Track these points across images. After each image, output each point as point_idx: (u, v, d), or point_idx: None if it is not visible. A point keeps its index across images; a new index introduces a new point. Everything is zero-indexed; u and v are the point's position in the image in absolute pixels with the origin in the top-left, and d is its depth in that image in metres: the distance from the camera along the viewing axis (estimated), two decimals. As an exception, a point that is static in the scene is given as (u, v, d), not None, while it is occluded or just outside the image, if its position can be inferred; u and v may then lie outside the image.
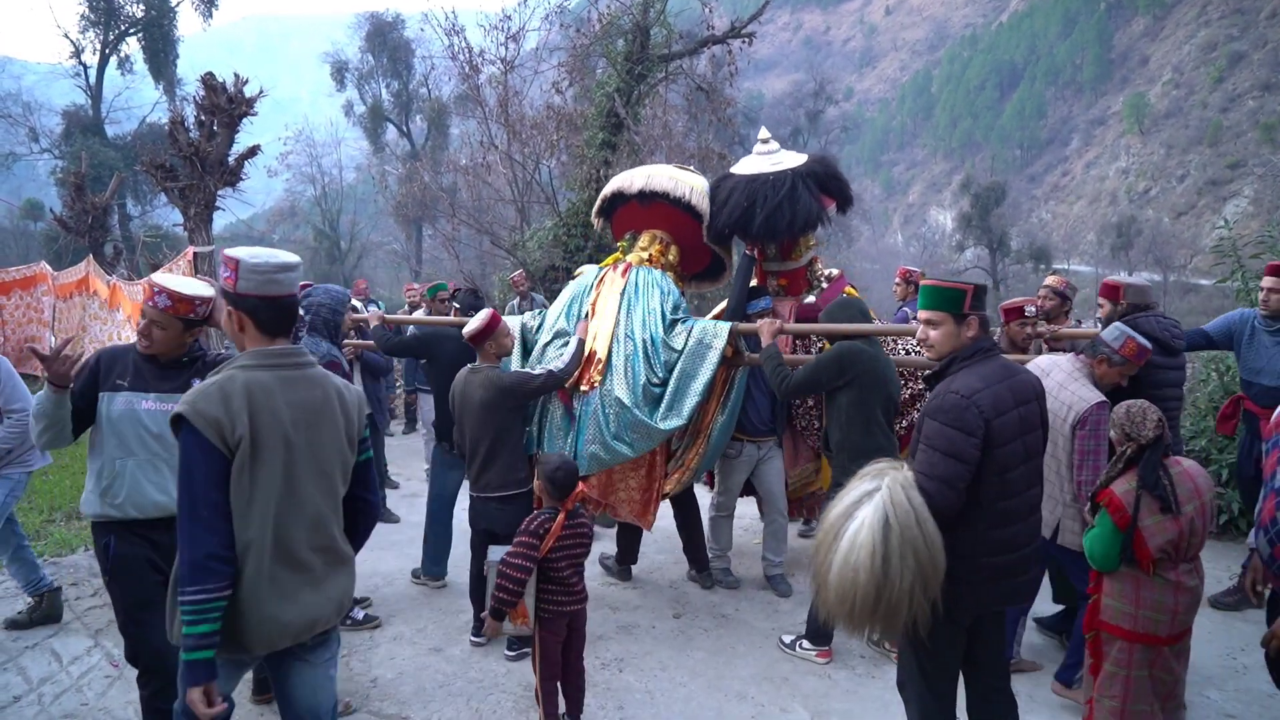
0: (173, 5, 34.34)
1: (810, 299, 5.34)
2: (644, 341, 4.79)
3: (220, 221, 9.30)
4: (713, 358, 4.72)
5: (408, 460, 8.75)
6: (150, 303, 3.17)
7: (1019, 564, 2.93)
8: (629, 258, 5.33)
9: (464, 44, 14.65)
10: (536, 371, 4.52)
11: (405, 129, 41.34)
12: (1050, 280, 5.60)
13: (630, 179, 5.38)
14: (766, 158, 5.21)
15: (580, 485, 3.65)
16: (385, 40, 40.56)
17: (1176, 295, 46.98)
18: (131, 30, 34.00)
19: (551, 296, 12.22)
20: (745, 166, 5.22)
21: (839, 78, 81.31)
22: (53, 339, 12.27)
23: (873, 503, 2.73)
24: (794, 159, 5.14)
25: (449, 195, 17.96)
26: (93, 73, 33.40)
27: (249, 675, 4.03)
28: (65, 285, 11.68)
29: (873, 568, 2.63)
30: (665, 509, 5.80)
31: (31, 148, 33.07)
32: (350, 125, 42.04)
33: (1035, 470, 2.95)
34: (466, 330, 4.44)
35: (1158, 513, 3.00)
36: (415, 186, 20.66)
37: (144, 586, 3.24)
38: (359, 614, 4.88)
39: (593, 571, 5.60)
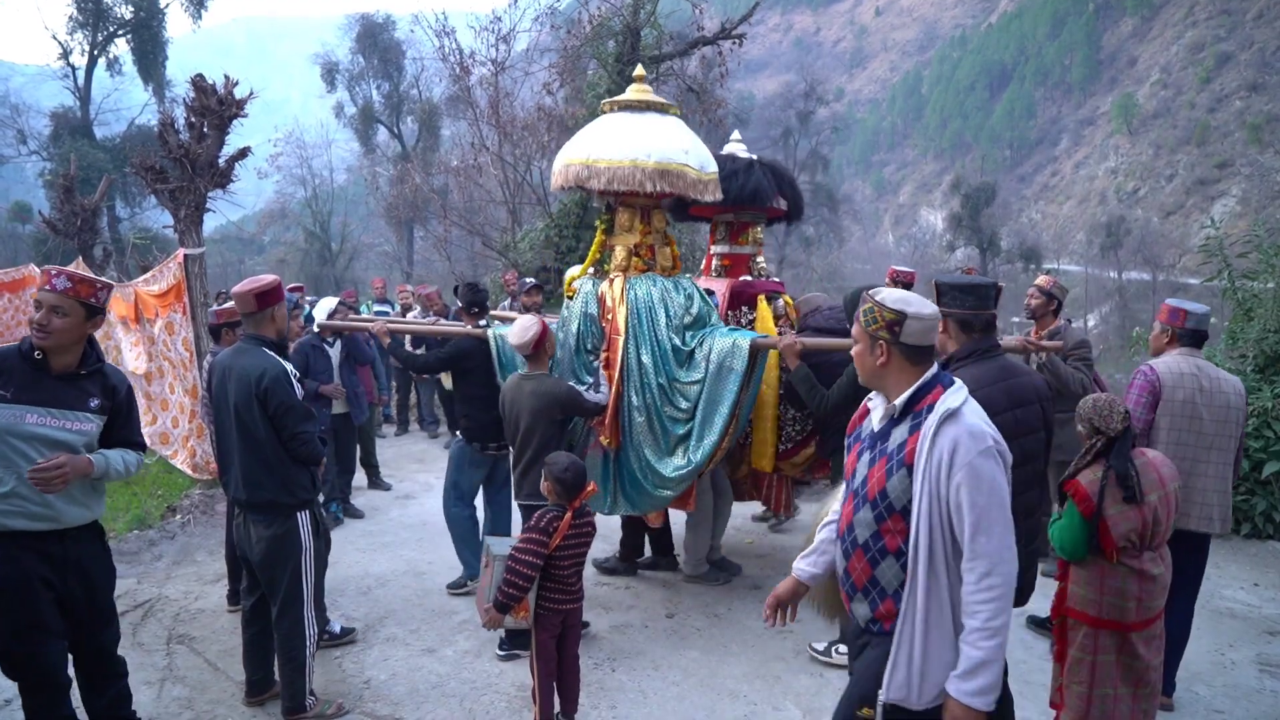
0: (162, 7, 34.18)
1: (746, 278, 5.60)
2: (660, 387, 4.66)
3: (211, 223, 9.27)
4: (734, 381, 4.55)
5: (401, 463, 8.74)
6: (48, 286, 2.98)
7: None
8: (616, 259, 4.99)
9: (455, 45, 14.68)
10: (589, 395, 4.50)
11: (396, 130, 41.23)
12: (1039, 280, 5.64)
13: (641, 178, 4.60)
14: (739, 144, 5.85)
15: (591, 485, 3.66)
16: (376, 42, 40.42)
17: (1165, 294, 47.09)
18: (120, 31, 33.83)
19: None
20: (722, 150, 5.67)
21: (829, 78, 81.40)
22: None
23: None
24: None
25: (440, 197, 17.98)
26: (81, 74, 33.20)
27: (242, 676, 4.04)
28: (54, 288, 11.62)
29: None
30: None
31: (20, 150, 32.90)
32: (341, 127, 41.90)
33: (1033, 474, 2.96)
34: (520, 342, 4.34)
35: (1121, 502, 3.04)
36: (406, 188, 20.69)
37: (35, 607, 3.03)
38: (335, 627, 4.70)
39: (586, 571, 5.61)
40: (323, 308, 6.78)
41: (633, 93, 4.96)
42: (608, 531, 5.78)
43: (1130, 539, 3.05)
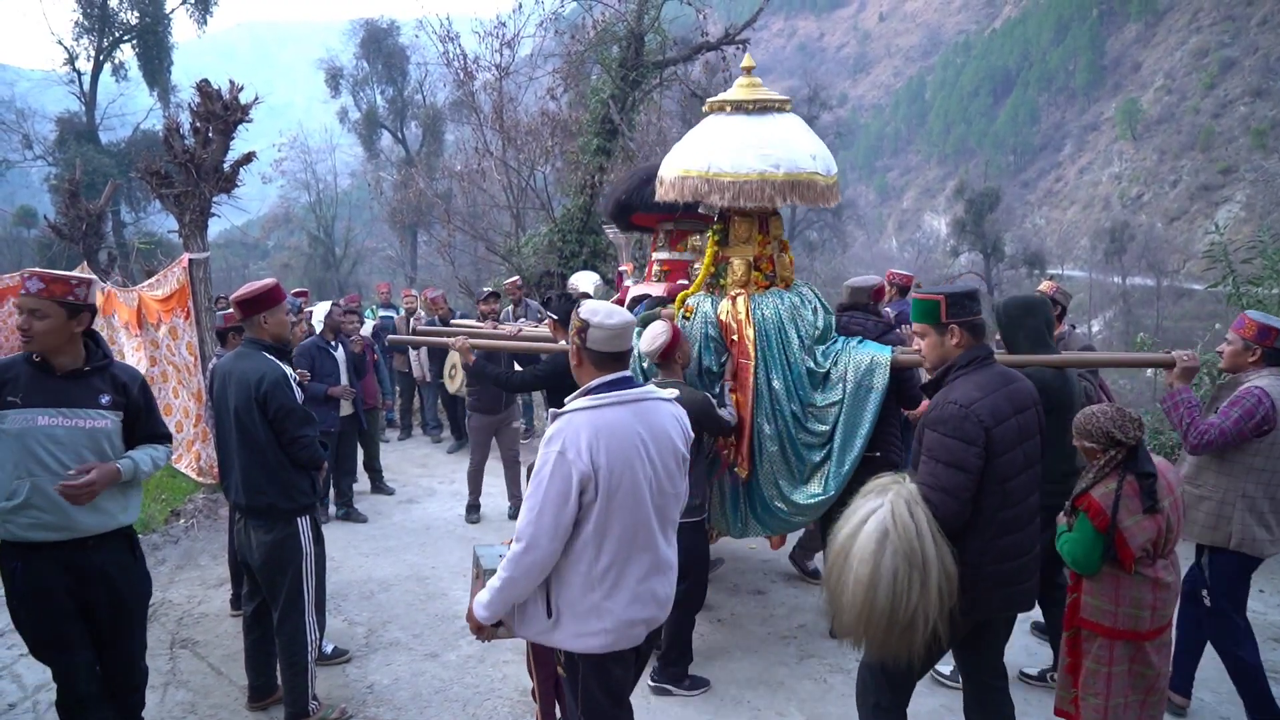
0: (167, 12, 34.34)
1: (684, 283, 5.44)
2: (794, 414, 4.30)
3: (215, 228, 9.29)
4: (874, 401, 4.23)
5: (403, 467, 8.74)
6: (23, 290, 2.96)
7: (1021, 571, 2.97)
8: (735, 274, 4.58)
9: (459, 50, 14.70)
10: (720, 410, 4.20)
11: (400, 135, 41.36)
12: (1043, 286, 5.63)
13: (770, 193, 4.24)
14: None
15: None
16: (380, 47, 40.57)
17: (1170, 300, 47.12)
18: (126, 37, 34.00)
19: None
20: None
21: (833, 84, 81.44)
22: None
23: (875, 519, 2.79)
24: None
25: (444, 201, 17.99)
26: (87, 79, 33.35)
27: (245, 681, 4.03)
28: (59, 292, 11.64)
29: (878, 585, 2.71)
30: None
31: (25, 154, 33.03)
32: (345, 131, 42.08)
33: (1034, 478, 3.00)
34: (650, 349, 4.06)
35: (1137, 513, 2.99)
36: (410, 192, 20.73)
37: (54, 620, 3.03)
38: (328, 648, 4.56)
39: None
40: (320, 312, 6.89)
41: (744, 90, 4.54)
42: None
43: (1146, 549, 3.02)
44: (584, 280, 8.06)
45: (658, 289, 5.60)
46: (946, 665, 4.43)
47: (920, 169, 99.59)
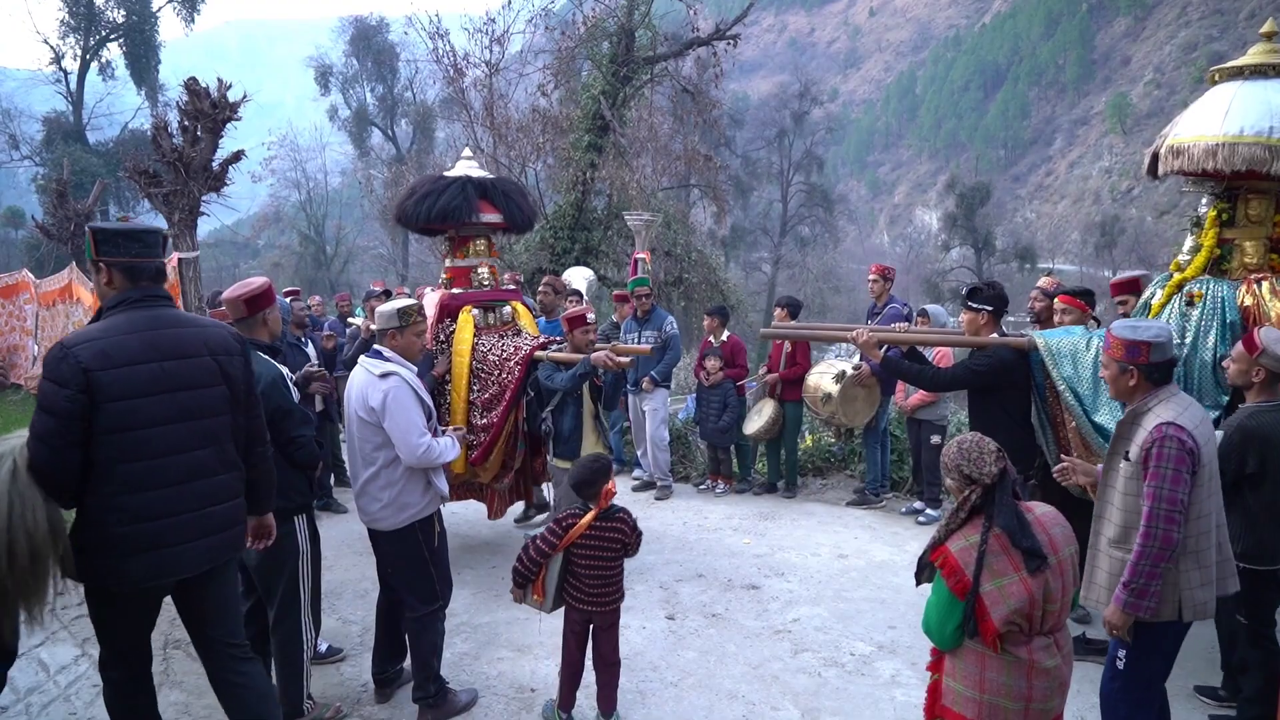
0: (154, 10, 34.16)
1: (456, 291, 5.65)
2: None
3: (205, 227, 9.26)
4: None
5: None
6: None
7: (170, 533, 2.77)
8: (1248, 257, 4.17)
9: (448, 47, 14.66)
10: None
11: (390, 133, 41.29)
12: (1042, 282, 5.68)
13: None
14: (469, 162, 5.87)
15: (610, 484, 3.64)
16: (369, 44, 40.49)
17: (1160, 293, 47.20)
18: (112, 35, 33.81)
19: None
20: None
21: (824, 79, 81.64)
22: (36, 347, 12.18)
23: None
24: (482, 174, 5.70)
25: (435, 199, 17.95)
26: (74, 79, 33.16)
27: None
28: (48, 293, 11.60)
29: None
30: (656, 515, 5.78)
31: (12, 155, 32.83)
32: (335, 130, 41.97)
33: (194, 433, 2.82)
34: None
35: (1006, 574, 2.42)
36: (401, 190, 20.69)
37: None
38: (323, 647, 4.50)
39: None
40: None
41: (1272, 54, 4.16)
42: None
43: (1016, 622, 2.42)
44: (577, 276, 8.06)
45: (434, 298, 5.70)
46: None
47: (911, 164, 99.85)
